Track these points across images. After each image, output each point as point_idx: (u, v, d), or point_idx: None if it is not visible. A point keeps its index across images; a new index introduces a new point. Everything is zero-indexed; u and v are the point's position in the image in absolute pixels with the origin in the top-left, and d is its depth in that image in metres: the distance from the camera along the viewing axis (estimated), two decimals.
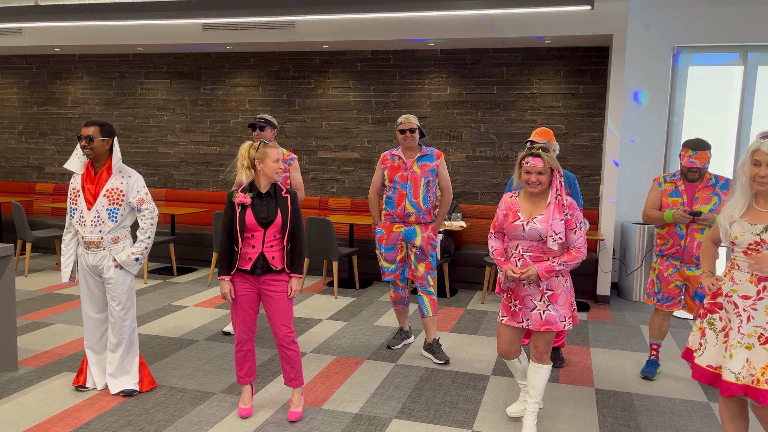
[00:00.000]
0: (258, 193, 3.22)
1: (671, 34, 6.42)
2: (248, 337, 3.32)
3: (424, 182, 4.24)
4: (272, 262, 3.22)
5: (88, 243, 3.50)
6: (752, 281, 2.48)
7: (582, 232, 3.00)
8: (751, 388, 2.41)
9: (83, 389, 3.66)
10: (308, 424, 3.32)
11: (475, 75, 7.02)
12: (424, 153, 4.28)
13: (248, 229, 3.19)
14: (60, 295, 5.89)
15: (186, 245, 7.38)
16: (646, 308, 6.05)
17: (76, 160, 3.56)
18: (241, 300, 3.27)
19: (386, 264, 4.39)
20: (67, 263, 3.60)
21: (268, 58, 7.63)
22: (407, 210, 4.26)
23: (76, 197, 3.51)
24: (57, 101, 8.49)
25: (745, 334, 2.48)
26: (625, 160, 6.70)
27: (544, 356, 3.10)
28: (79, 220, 3.50)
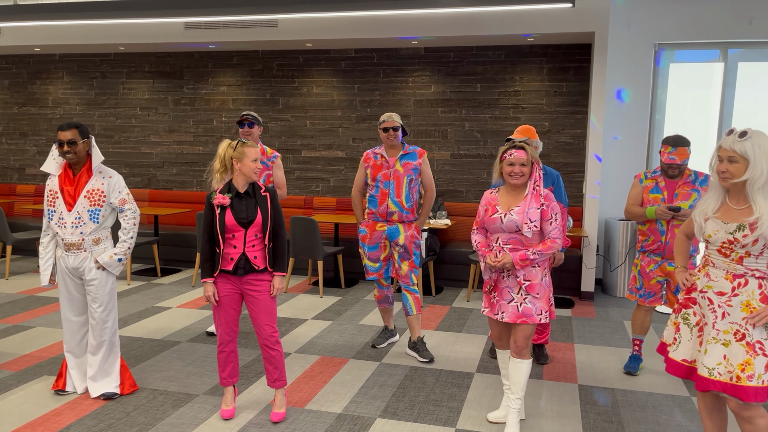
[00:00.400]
0: (237, 193, 3.20)
1: (653, 32, 6.46)
2: (231, 338, 3.30)
3: (407, 181, 4.24)
4: (254, 261, 3.20)
5: (68, 245, 3.45)
6: (727, 278, 2.50)
7: (558, 224, 3.05)
8: (729, 385, 2.43)
9: (63, 393, 3.61)
10: (291, 424, 3.30)
11: (459, 73, 7.02)
12: (406, 151, 4.28)
13: (229, 229, 3.17)
14: (41, 298, 5.82)
15: (170, 246, 7.33)
16: (629, 304, 6.09)
17: (53, 161, 3.50)
18: (224, 301, 3.24)
19: (370, 263, 4.38)
20: (46, 266, 3.55)
21: (251, 56, 7.59)
22: (390, 209, 4.26)
23: (54, 199, 3.46)
24: (37, 101, 8.38)
25: (720, 330, 2.50)
26: (608, 157, 6.73)
27: (523, 351, 3.11)
28: (58, 222, 3.45)
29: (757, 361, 2.40)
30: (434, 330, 5.07)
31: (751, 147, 2.39)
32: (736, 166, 2.43)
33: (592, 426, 3.36)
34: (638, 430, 3.32)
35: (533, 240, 3.06)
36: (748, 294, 2.45)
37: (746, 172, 2.41)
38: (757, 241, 2.41)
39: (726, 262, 2.51)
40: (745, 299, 2.45)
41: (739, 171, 2.43)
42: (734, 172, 2.44)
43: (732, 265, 2.49)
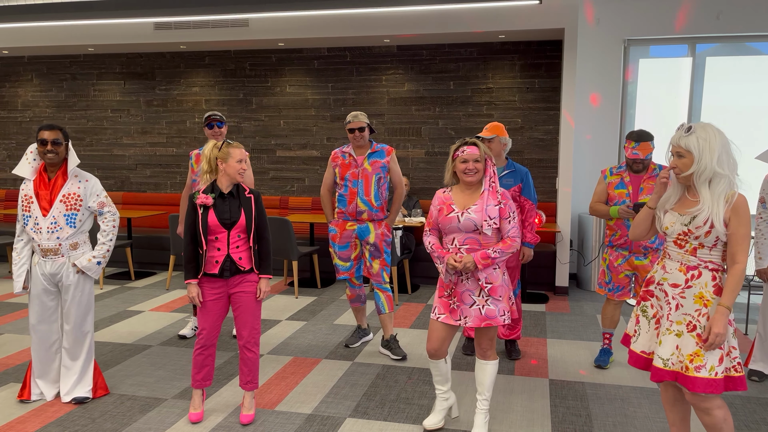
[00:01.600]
0: (220, 194, 3.17)
1: (622, 28, 6.53)
2: (212, 342, 3.27)
3: (375, 179, 4.23)
4: (239, 262, 3.18)
5: (45, 250, 3.40)
6: (681, 270, 2.53)
7: (515, 222, 3.00)
8: (680, 374, 2.47)
9: (27, 402, 3.55)
10: (260, 426, 3.28)
11: (432, 71, 7.03)
12: (374, 150, 4.27)
13: (211, 230, 3.14)
14: (9, 305, 5.72)
15: (144, 249, 7.25)
16: (603, 298, 6.15)
17: (27, 165, 3.44)
18: (210, 305, 3.22)
19: (340, 262, 4.37)
20: (20, 272, 3.47)
21: (223, 56, 7.53)
22: (359, 207, 4.26)
23: (29, 204, 3.40)
24: (6, 105, 8.24)
25: (674, 321, 2.53)
26: (581, 153, 6.79)
27: (488, 353, 3.10)
28: (34, 227, 3.39)
29: (708, 353, 2.43)
30: (408, 328, 5.08)
31: (695, 141, 2.43)
32: (683, 160, 2.48)
33: (561, 420, 3.39)
34: (606, 423, 3.35)
35: (491, 239, 3.00)
36: (701, 286, 2.48)
37: (692, 165, 2.45)
38: (710, 233, 2.44)
39: (680, 253, 2.54)
40: (698, 291, 2.48)
41: (686, 165, 2.47)
42: (682, 167, 2.49)
43: (686, 257, 2.52)
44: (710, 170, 2.43)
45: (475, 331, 3.10)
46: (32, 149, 3.46)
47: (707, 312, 2.46)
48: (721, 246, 2.48)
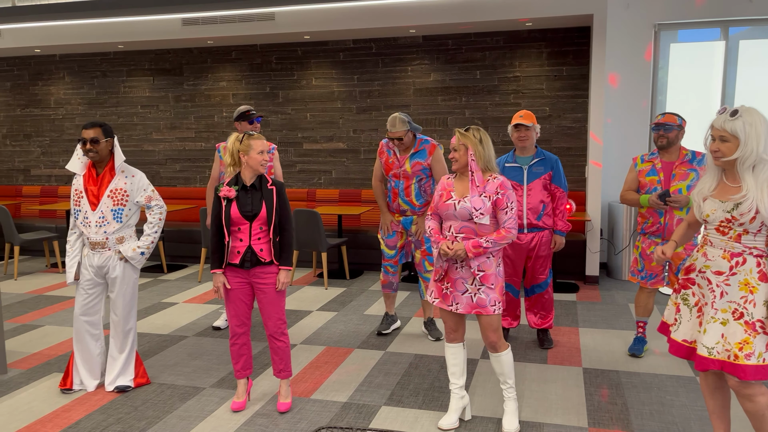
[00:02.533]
0: (243, 186, 3.22)
1: (652, 12, 6.41)
2: (242, 330, 3.33)
3: (416, 180, 4.33)
4: (260, 254, 3.22)
5: (93, 244, 3.52)
6: (725, 257, 2.50)
7: (513, 213, 2.96)
8: (728, 363, 2.44)
9: (69, 392, 3.66)
10: (297, 414, 3.34)
11: (458, 60, 7.00)
12: (417, 149, 4.28)
13: (234, 222, 3.19)
14: (49, 297, 5.87)
15: (175, 242, 7.37)
16: (634, 287, 6.09)
17: (77, 161, 3.55)
18: (233, 294, 3.28)
19: (387, 250, 4.51)
20: (72, 264, 3.58)
21: (249, 51, 7.59)
22: (402, 206, 4.41)
23: (79, 198, 3.51)
24: (39, 102, 8.43)
25: (718, 309, 2.50)
26: (610, 140, 6.71)
27: (497, 345, 3.06)
28: (83, 221, 3.51)
29: (757, 340, 2.40)
30: (438, 318, 5.09)
31: (741, 126, 2.38)
32: (727, 145, 2.43)
33: (596, 408, 3.38)
34: (642, 411, 3.34)
35: (488, 229, 2.98)
36: (746, 273, 2.45)
37: (737, 150, 2.41)
38: (755, 219, 2.40)
39: (724, 240, 2.51)
40: (743, 278, 2.45)
41: (730, 150, 2.43)
42: (725, 151, 2.44)
43: (730, 244, 2.48)
44: (755, 156, 2.39)
45: (480, 326, 3.08)
46: (80, 145, 3.54)
47: (753, 299, 2.43)
48: (766, 231, 2.44)
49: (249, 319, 3.35)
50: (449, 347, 3.18)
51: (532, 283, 4.27)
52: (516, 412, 3.14)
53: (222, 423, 3.24)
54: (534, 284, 4.25)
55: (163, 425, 3.23)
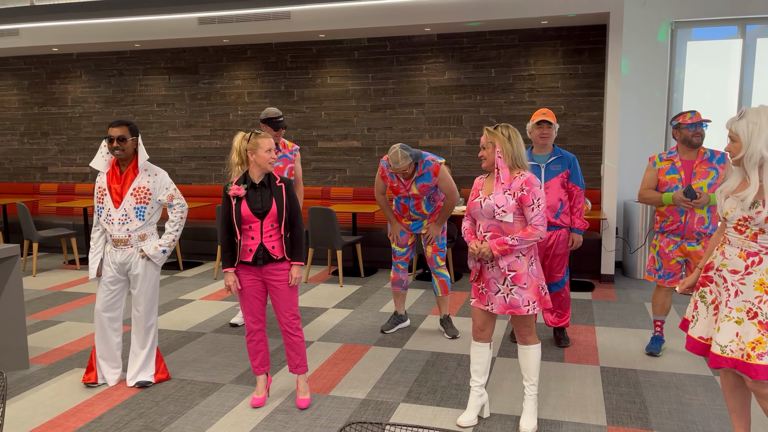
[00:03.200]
0: (252, 184, 3.25)
1: (668, 10, 6.38)
2: (258, 327, 3.36)
3: (426, 198, 4.41)
4: (272, 251, 3.25)
5: (116, 241, 3.57)
6: (741, 256, 2.50)
7: (540, 210, 2.94)
8: (741, 362, 2.44)
9: (93, 386, 3.71)
10: (317, 410, 3.37)
11: (473, 58, 6.99)
12: (421, 173, 4.29)
13: (245, 220, 3.22)
14: (68, 293, 5.95)
15: (191, 240, 7.43)
16: (650, 286, 6.07)
17: (101, 158, 3.61)
18: (247, 291, 3.31)
19: (398, 248, 4.56)
20: (95, 260, 3.63)
21: (264, 49, 7.62)
22: (413, 216, 4.49)
23: (103, 196, 3.57)
24: (57, 101, 8.52)
25: (733, 308, 2.50)
26: (626, 138, 6.68)
27: (528, 338, 3.08)
28: (106, 218, 3.56)
29: None
30: (454, 316, 5.10)
31: (745, 125, 2.44)
32: (735, 145, 2.49)
33: (615, 407, 3.38)
34: (661, 410, 3.33)
35: (514, 227, 2.96)
36: (761, 272, 2.45)
37: (741, 150, 2.45)
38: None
39: (741, 239, 2.51)
40: (758, 278, 2.45)
41: (737, 149, 2.48)
42: (733, 151, 2.49)
43: (746, 243, 2.48)
44: (758, 155, 2.41)
45: (512, 318, 3.10)
46: (105, 143, 3.59)
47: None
48: None
49: (264, 316, 3.38)
50: (475, 345, 3.18)
51: (549, 282, 4.27)
52: (535, 411, 3.14)
53: (243, 418, 3.28)
54: (551, 282, 4.26)
55: (185, 420, 3.27)
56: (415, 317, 5.06)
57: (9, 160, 8.85)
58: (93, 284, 6.28)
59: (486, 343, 3.17)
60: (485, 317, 3.12)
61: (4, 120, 8.80)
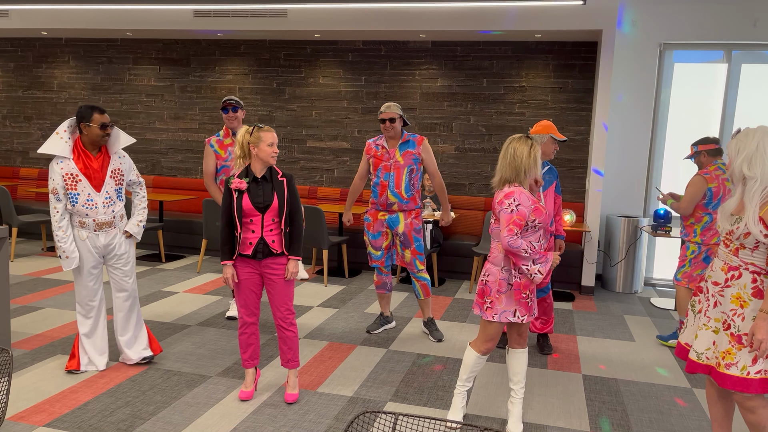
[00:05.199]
0: (254, 178, 3.26)
1: (657, 31, 6.55)
2: (251, 320, 3.37)
3: (407, 171, 4.37)
4: (272, 245, 3.26)
5: (100, 224, 3.59)
6: (723, 269, 2.61)
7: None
8: (713, 369, 2.56)
9: (76, 373, 3.67)
10: (305, 406, 3.38)
11: (466, 67, 7.08)
12: (405, 139, 4.38)
13: (246, 214, 3.23)
14: (48, 280, 5.85)
15: (174, 232, 7.37)
16: (629, 299, 6.20)
17: (64, 144, 3.48)
18: (244, 284, 3.31)
19: (373, 251, 4.55)
20: (72, 249, 3.55)
21: (258, 46, 7.62)
22: (389, 200, 4.41)
23: (76, 182, 3.50)
24: (42, 85, 8.38)
25: (711, 317, 2.62)
26: (611, 154, 6.82)
27: (524, 341, 3.19)
28: (86, 204, 3.52)
29: (741, 353, 2.49)
30: (439, 320, 5.15)
31: (734, 144, 2.60)
32: (729, 163, 2.61)
33: (597, 413, 3.45)
34: (642, 418, 3.42)
35: None
36: (739, 287, 2.54)
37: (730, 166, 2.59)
38: (749, 235, 2.50)
39: (725, 252, 2.62)
40: (736, 291, 2.55)
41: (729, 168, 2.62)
42: (728, 169, 2.63)
43: (729, 257, 2.59)
44: (738, 173, 2.53)
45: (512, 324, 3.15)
46: (65, 128, 3.50)
47: (743, 313, 2.52)
48: (764, 249, 2.53)
49: (258, 309, 3.39)
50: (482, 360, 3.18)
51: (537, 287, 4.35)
52: (521, 414, 3.20)
53: (230, 411, 3.27)
54: (538, 288, 4.34)
55: (172, 410, 3.25)
56: (400, 319, 5.09)
57: None
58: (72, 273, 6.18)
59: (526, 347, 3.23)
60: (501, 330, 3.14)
61: None
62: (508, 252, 2.91)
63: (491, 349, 3.14)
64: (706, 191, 4.37)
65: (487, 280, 3.02)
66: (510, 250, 2.89)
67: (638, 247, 6.44)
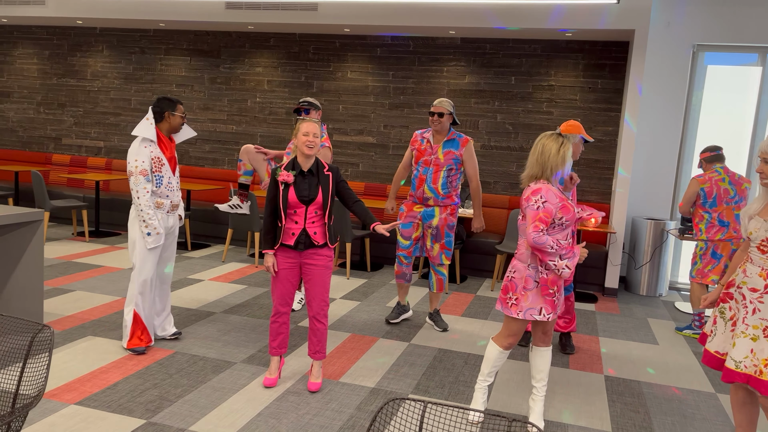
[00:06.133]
0: (300, 171, 3.30)
1: (691, 32, 6.46)
2: (284, 310, 3.42)
3: (446, 169, 4.39)
4: (314, 237, 3.32)
5: (174, 206, 3.89)
6: (762, 275, 2.57)
7: None
8: (753, 378, 2.52)
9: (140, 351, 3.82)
10: (327, 395, 3.42)
11: (494, 65, 7.06)
12: (450, 137, 4.39)
13: (291, 206, 3.29)
14: (78, 264, 5.99)
15: (200, 221, 7.48)
16: (653, 302, 6.14)
17: (151, 128, 3.76)
18: (282, 274, 3.37)
19: (402, 240, 4.62)
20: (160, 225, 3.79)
21: (288, 39, 7.68)
22: (426, 194, 4.45)
23: (161, 165, 3.76)
24: (76, 74, 8.55)
25: (750, 325, 2.58)
26: (639, 156, 6.76)
27: (549, 339, 3.20)
28: (167, 185, 3.81)
29: None
30: (460, 316, 5.17)
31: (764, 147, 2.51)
32: (765, 167, 2.54)
33: (619, 414, 3.44)
34: (665, 421, 3.40)
35: None
36: None
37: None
38: None
39: (763, 259, 2.58)
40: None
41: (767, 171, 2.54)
42: (766, 172, 2.55)
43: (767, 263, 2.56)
44: None
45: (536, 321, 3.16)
46: (149, 117, 3.78)
47: None
48: None
49: (292, 300, 3.45)
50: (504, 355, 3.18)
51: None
52: (542, 412, 3.21)
53: (255, 396, 3.33)
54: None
55: (198, 394, 3.32)
56: (422, 314, 5.12)
57: (24, 128, 8.88)
58: (103, 257, 6.31)
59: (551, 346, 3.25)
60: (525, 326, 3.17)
61: (22, 88, 8.83)
62: (534, 248, 2.91)
63: (514, 344, 3.15)
64: (699, 192, 4.87)
65: (513, 277, 3.03)
66: (536, 247, 2.89)
67: (664, 251, 6.37)
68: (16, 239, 3.95)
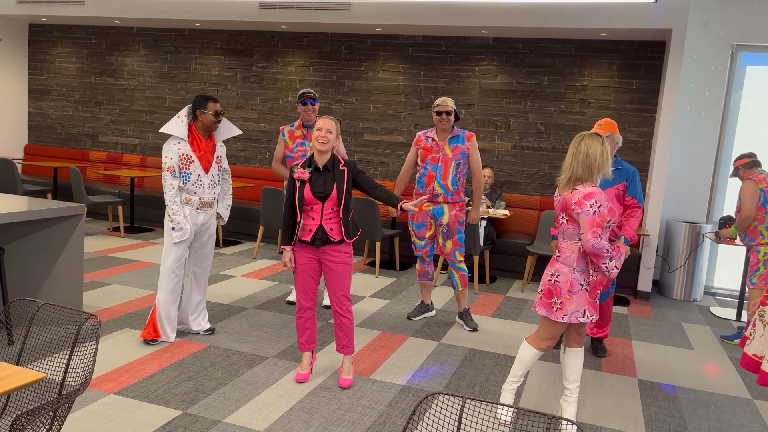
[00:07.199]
0: (316, 168, 3.34)
1: (730, 32, 6.33)
2: (309, 305, 3.46)
3: (455, 165, 4.47)
4: (330, 233, 3.34)
5: (204, 203, 3.92)
6: None
7: None
8: None
9: (153, 343, 3.91)
10: (359, 391, 3.45)
11: (527, 64, 7.01)
12: (455, 134, 4.50)
13: (307, 202, 3.32)
14: (114, 258, 6.12)
15: (232, 218, 7.58)
16: (687, 306, 6.03)
17: (183, 127, 3.83)
18: (301, 269, 3.40)
19: (417, 240, 4.66)
20: (185, 221, 3.86)
21: (320, 39, 7.73)
22: (435, 191, 4.51)
23: (189, 163, 3.82)
24: (114, 72, 8.74)
25: None
26: (675, 158, 6.64)
27: (583, 340, 3.18)
28: (196, 183, 3.85)
29: None
30: (490, 317, 5.15)
31: None
32: None
33: (654, 419, 3.40)
34: (700, 426, 3.34)
35: None
36: None
37: None
38: None
39: None
40: None
41: None
42: None
43: None
44: None
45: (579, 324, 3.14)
46: (185, 113, 3.85)
47: None
48: None
49: (315, 295, 3.48)
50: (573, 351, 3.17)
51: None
52: (575, 413, 3.19)
53: (288, 391, 3.37)
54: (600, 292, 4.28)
55: (232, 387, 3.37)
56: (452, 314, 5.11)
57: (62, 125, 9.11)
58: (138, 252, 6.45)
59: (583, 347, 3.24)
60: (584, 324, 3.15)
61: (61, 86, 9.06)
62: (592, 254, 2.88)
63: (550, 347, 3.13)
64: (760, 192, 4.77)
65: (557, 281, 3.00)
66: (594, 252, 2.86)
67: (699, 254, 6.26)
68: (58, 233, 4.06)
